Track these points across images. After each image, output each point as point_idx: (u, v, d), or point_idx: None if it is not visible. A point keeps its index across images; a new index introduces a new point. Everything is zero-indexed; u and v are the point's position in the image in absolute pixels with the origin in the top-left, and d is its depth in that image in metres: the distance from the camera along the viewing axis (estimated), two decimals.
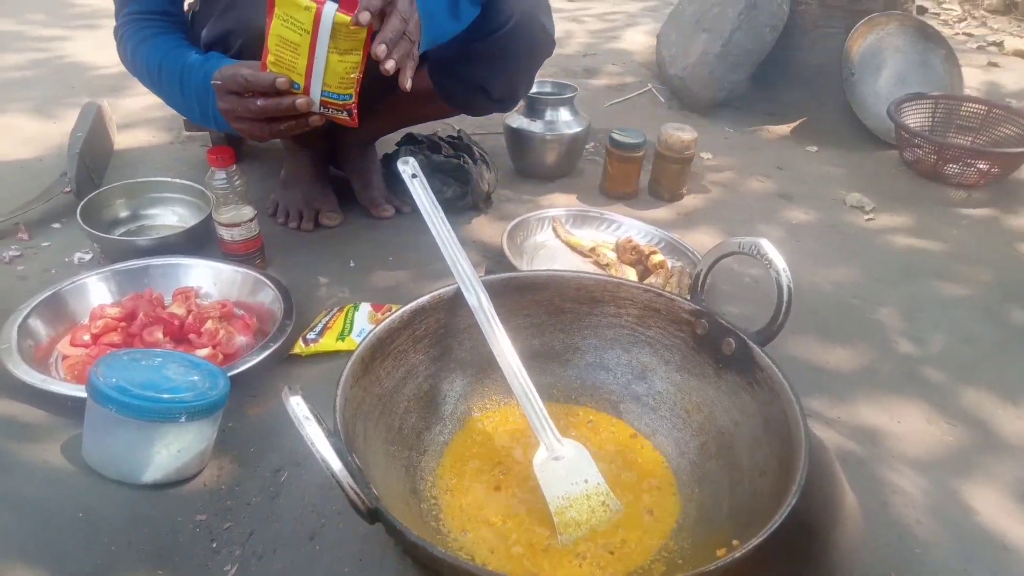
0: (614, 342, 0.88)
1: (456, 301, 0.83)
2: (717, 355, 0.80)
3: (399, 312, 0.79)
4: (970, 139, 1.93)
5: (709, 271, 0.85)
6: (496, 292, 0.84)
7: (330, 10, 0.86)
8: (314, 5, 0.85)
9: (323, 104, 0.94)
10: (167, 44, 1.13)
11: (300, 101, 0.92)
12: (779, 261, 0.76)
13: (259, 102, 0.93)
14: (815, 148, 1.99)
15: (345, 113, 0.95)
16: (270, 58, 0.90)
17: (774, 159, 1.91)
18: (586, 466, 0.73)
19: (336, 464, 0.54)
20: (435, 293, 0.82)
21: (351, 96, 0.94)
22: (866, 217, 1.65)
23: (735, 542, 0.62)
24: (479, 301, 0.77)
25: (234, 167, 1.21)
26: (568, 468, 0.73)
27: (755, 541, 0.56)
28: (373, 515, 0.57)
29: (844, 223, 1.62)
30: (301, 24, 0.86)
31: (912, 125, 1.87)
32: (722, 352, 0.79)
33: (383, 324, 0.77)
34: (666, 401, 0.84)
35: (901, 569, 0.78)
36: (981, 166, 1.75)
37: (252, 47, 1.05)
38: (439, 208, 0.85)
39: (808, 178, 1.82)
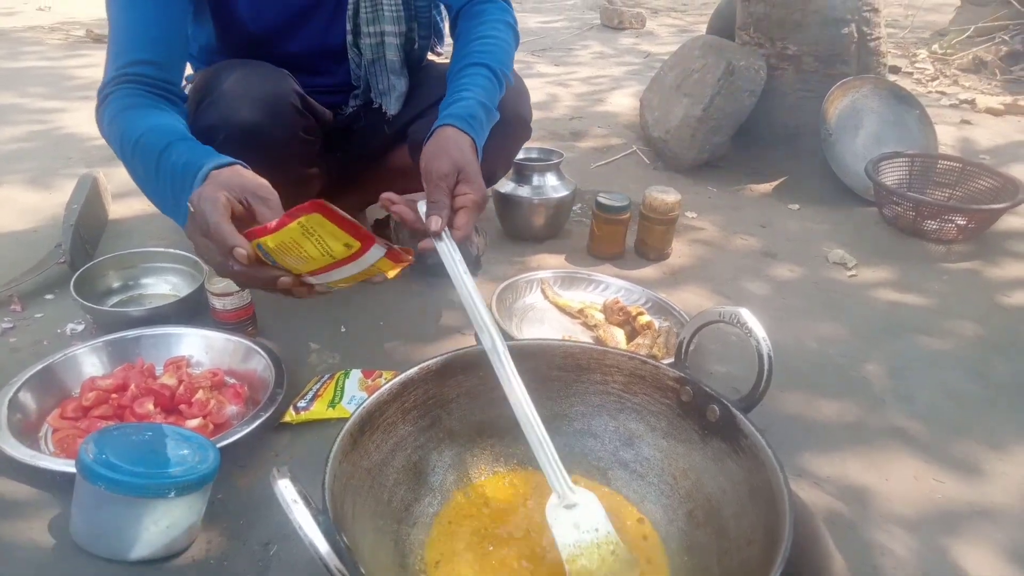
0: (601, 409, 0.89)
1: (445, 372, 0.84)
2: (702, 421, 0.81)
3: (388, 385, 0.80)
4: (947, 194, 1.98)
5: (692, 339, 0.86)
6: (484, 362, 0.86)
7: (376, 255, 0.74)
8: (357, 244, 0.72)
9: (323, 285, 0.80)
10: (153, 118, 0.96)
11: (285, 280, 0.77)
12: (759, 330, 0.78)
13: (234, 266, 0.77)
14: (797, 206, 2.03)
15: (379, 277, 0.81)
16: (268, 242, 0.72)
17: (757, 217, 1.95)
18: (597, 515, 0.73)
19: (323, 547, 0.54)
20: (423, 364, 0.83)
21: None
22: (849, 273, 1.68)
23: None
24: (494, 344, 0.78)
25: None
26: (579, 516, 0.74)
27: None
28: None
29: (827, 279, 1.65)
30: (329, 249, 0.71)
31: (890, 183, 1.92)
32: (707, 419, 0.80)
33: (372, 398, 0.78)
34: (654, 467, 0.85)
35: None
36: (959, 221, 1.80)
37: (234, 142, 1.00)
38: (454, 246, 0.87)
39: (791, 235, 1.86)
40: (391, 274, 0.78)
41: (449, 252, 0.85)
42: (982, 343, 1.42)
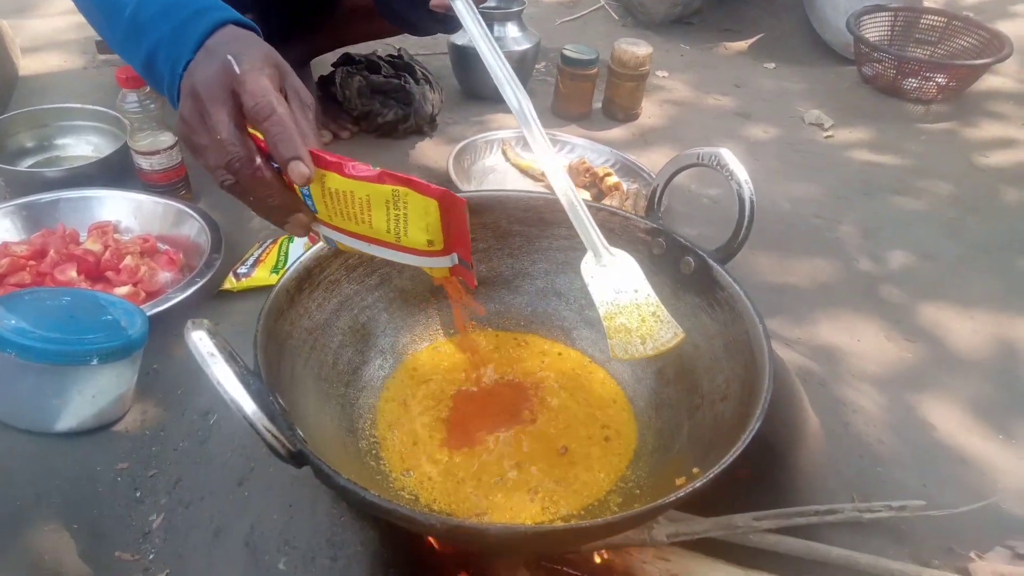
0: (566, 266, 0.82)
1: None
2: (675, 275, 0.75)
3: None
4: (929, 52, 1.88)
5: (666, 185, 0.79)
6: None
7: (441, 263, 0.60)
8: (440, 246, 0.57)
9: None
10: None
11: (301, 217, 0.59)
12: (741, 172, 0.70)
13: (264, 173, 0.56)
14: (773, 65, 1.92)
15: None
16: (333, 181, 0.55)
17: (731, 76, 1.84)
18: (637, 278, 0.67)
19: (249, 406, 0.47)
20: None
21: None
22: (825, 134, 1.60)
23: (695, 470, 0.58)
24: (519, 103, 0.67)
25: (147, 88, 1.10)
26: (618, 276, 0.67)
27: (717, 469, 0.51)
28: (298, 458, 0.51)
29: (803, 140, 1.57)
30: (401, 231, 0.57)
31: (871, 39, 1.82)
32: (680, 272, 0.74)
33: (310, 252, 0.70)
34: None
35: (863, 488, 0.76)
36: (939, 80, 1.71)
37: None
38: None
39: (766, 95, 1.76)
40: (437, 275, 0.64)
41: (467, 7, 0.70)
42: (958, 203, 1.38)
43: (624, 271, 0.67)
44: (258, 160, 0.56)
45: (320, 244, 0.71)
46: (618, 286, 0.66)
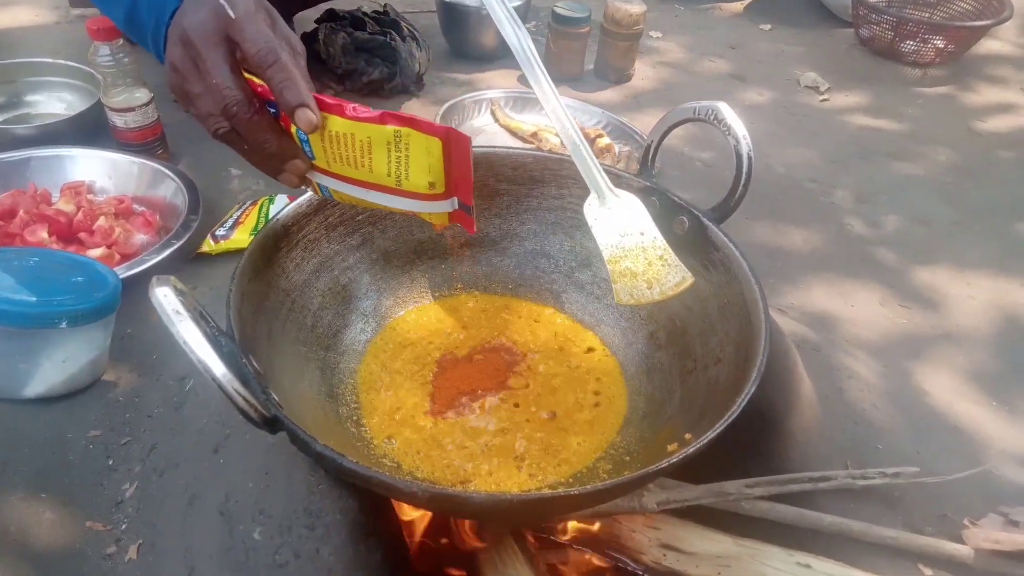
0: (556, 226, 0.79)
1: None
2: (669, 235, 0.70)
3: (307, 195, 0.68)
4: (928, 14, 1.84)
5: (660, 142, 0.75)
6: None
7: (441, 208, 0.57)
8: (442, 189, 0.55)
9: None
10: None
11: (298, 164, 0.56)
12: (739, 127, 0.68)
13: (257, 117, 0.54)
14: (769, 26, 1.88)
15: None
16: (334, 124, 0.53)
17: (726, 38, 1.80)
18: (643, 220, 0.65)
19: (218, 368, 0.44)
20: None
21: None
22: (821, 97, 1.57)
23: (687, 436, 0.56)
24: (519, 41, 0.64)
25: (121, 41, 1.05)
26: (623, 218, 0.64)
27: (710, 434, 0.49)
28: (272, 424, 0.48)
29: (798, 104, 1.54)
30: (403, 174, 0.54)
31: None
32: (674, 232, 0.71)
33: (288, 208, 0.67)
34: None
35: (856, 455, 0.74)
36: (938, 42, 1.68)
37: None
38: None
39: (762, 58, 1.72)
40: (437, 223, 0.61)
41: None
42: (954, 168, 1.35)
43: (630, 213, 0.64)
44: (256, 103, 0.53)
45: (298, 200, 0.68)
46: (624, 229, 0.64)
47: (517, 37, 0.61)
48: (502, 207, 0.79)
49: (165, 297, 0.45)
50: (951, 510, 0.71)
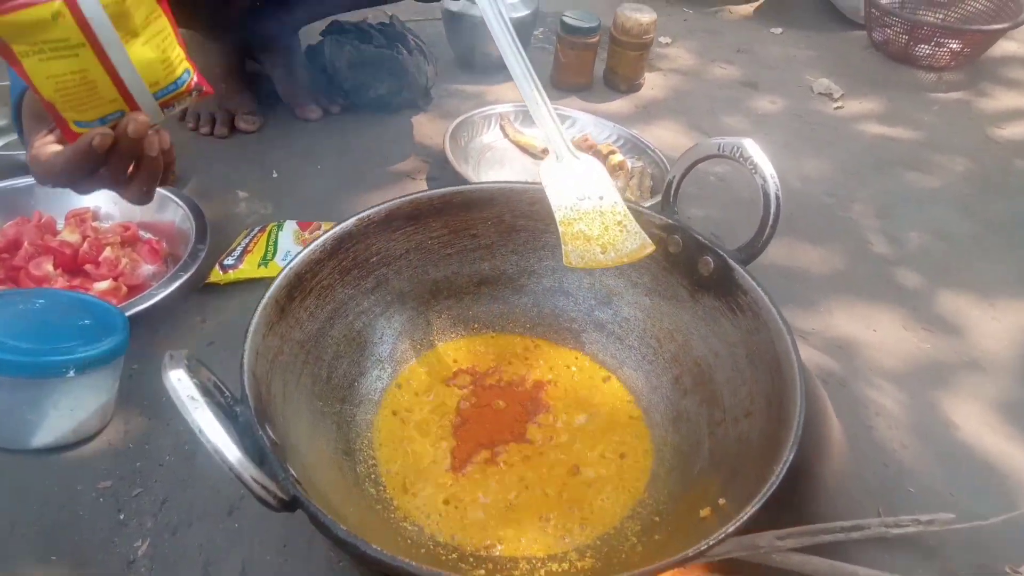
0: None
1: (389, 223, 0.70)
2: (693, 276, 0.70)
3: (320, 240, 0.66)
4: (942, 17, 1.81)
5: (683, 178, 0.73)
6: (435, 210, 0.72)
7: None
8: (59, 4, 0.52)
9: (164, 106, 0.61)
10: None
11: (137, 122, 0.59)
12: (766, 166, 0.65)
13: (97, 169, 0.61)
14: (780, 30, 1.84)
15: (194, 92, 0.63)
16: (68, 113, 0.57)
17: (736, 42, 1.76)
18: (603, 184, 0.63)
19: (233, 454, 0.42)
20: (362, 215, 0.68)
21: (189, 72, 0.61)
22: (835, 105, 1.54)
23: (721, 501, 0.54)
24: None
25: None
26: (580, 180, 0.63)
27: (749, 511, 0.47)
28: (290, 506, 0.46)
29: (812, 112, 1.51)
30: (65, 41, 0.53)
31: (882, 2, 1.74)
32: (698, 272, 0.69)
33: (300, 257, 0.64)
34: (634, 329, 0.74)
35: (888, 499, 0.72)
36: (953, 46, 1.64)
37: None
38: None
39: (773, 63, 1.69)
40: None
41: None
42: (973, 179, 1.33)
43: (590, 176, 0.63)
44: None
45: (311, 247, 0.66)
46: (582, 192, 0.62)
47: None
48: (519, 243, 0.77)
49: (179, 382, 0.43)
50: (990, 557, 0.69)
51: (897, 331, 0.99)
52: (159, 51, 0.58)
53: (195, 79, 0.62)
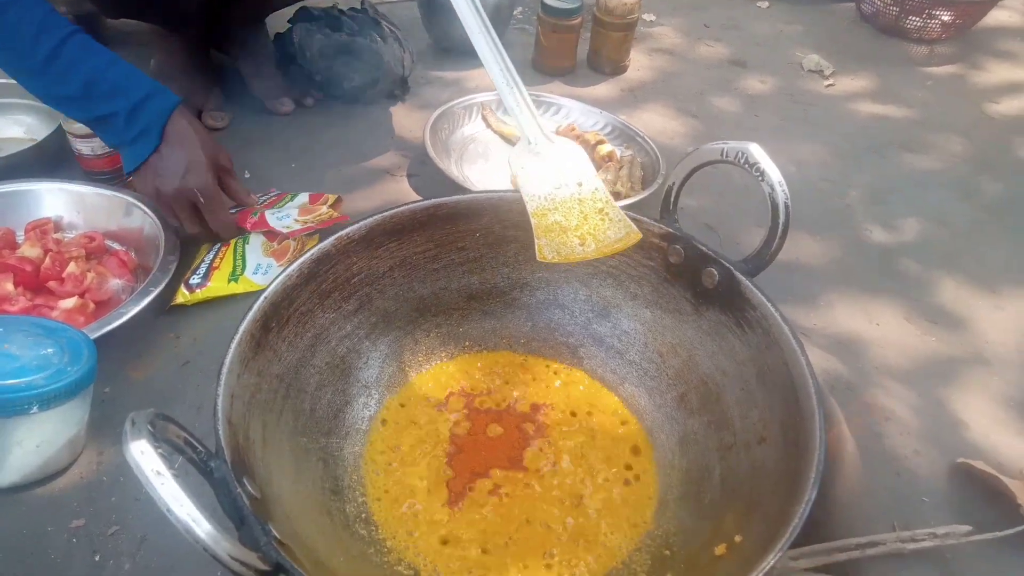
0: (569, 274, 0.73)
1: (370, 239, 0.65)
2: (696, 288, 0.66)
3: (296, 265, 0.61)
4: None
5: (683, 184, 0.69)
6: (419, 224, 0.67)
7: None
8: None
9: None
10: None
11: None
12: (773, 173, 0.61)
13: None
14: (766, 4, 1.79)
15: None
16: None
17: (722, 17, 1.71)
18: (582, 170, 0.58)
19: (204, 528, 0.38)
20: (341, 234, 0.64)
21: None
22: (826, 83, 1.49)
23: (738, 539, 0.50)
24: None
25: None
26: (556, 166, 0.58)
27: (771, 560, 0.43)
28: (274, 574, 0.42)
29: (803, 91, 1.46)
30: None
31: None
32: (703, 284, 0.65)
33: (275, 283, 0.60)
34: (635, 342, 0.71)
35: (901, 511, 0.69)
36: (944, 17, 1.60)
37: None
38: None
39: (761, 39, 1.64)
40: None
41: None
42: (969, 159, 1.29)
43: (567, 161, 0.58)
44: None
45: (287, 271, 0.61)
46: (558, 180, 0.57)
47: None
48: (509, 255, 0.72)
49: (143, 455, 0.38)
50: (1007, 570, 0.66)
51: (900, 324, 0.96)
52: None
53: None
